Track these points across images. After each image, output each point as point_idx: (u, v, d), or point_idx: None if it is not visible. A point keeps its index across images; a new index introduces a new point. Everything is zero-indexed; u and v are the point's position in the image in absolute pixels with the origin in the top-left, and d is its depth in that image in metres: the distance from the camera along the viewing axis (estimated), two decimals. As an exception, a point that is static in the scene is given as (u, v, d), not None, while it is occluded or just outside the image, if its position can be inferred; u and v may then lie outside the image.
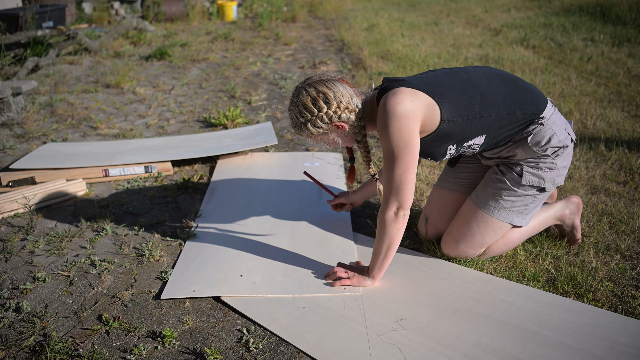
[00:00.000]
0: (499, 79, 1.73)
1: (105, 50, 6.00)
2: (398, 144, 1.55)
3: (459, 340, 1.51)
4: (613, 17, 6.68)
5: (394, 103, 1.55)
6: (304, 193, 2.52)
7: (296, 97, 1.66)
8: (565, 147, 1.75)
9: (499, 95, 1.68)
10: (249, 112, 3.82)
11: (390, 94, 1.58)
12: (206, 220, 2.28)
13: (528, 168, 1.76)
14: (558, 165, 1.76)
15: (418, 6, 9.58)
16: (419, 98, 1.58)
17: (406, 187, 1.60)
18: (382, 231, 1.67)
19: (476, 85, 1.67)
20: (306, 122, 1.64)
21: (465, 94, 1.64)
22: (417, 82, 1.62)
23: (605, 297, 1.70)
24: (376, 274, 1.76)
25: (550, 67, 4.63)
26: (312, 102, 1.61)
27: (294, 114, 1.66)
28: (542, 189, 1.79)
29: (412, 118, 1.55)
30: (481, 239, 1.83)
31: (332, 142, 1.72)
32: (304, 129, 1.66)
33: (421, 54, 5.32)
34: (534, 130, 1.72)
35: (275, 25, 7.83)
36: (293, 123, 1.69)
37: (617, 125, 3.19)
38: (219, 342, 1.56)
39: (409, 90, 1.58)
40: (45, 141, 3.28)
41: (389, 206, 1.63)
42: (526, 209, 1.81)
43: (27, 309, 1.72)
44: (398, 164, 1.57)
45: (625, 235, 2.04)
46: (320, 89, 1.62)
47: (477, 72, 1.73)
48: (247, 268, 1.90)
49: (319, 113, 1.61)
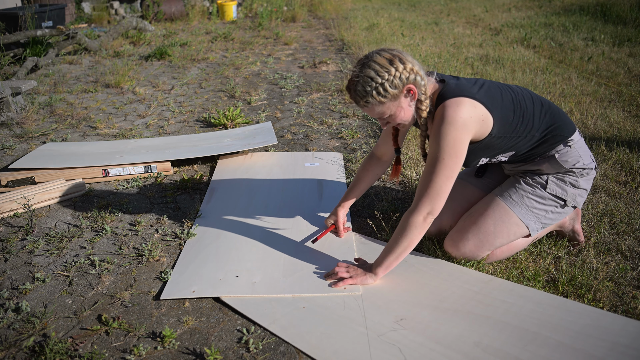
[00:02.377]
0: (539, 102, 1.80)
1: (104, 50, 6.00)
2: (450, 153, 1.59)
3: (460, 341, 1.51)
4: (614, 16, 6.68)
5: (456, 113, 1.58)
6: (304, 193, 2.52)
7: (367, 63, 1.59)
8: (590, 169, 1.82)
9: (537, 117, 1.76)
10: (249, 112, 3.82)
11: (453, 103, 1.60)
12: (206, 220, 2.27)
13: (554, 179, 1.82)
14: (581, 185, 1.82)
15: (418, 6, 9.57)
16: (478, 112, 1.62)
17: (444, 195, 1.63)
18: (405, 232, 1.66)
19: (521, 105, 1.74)
20: (383, 82, 1.56)
21: (513, 113, 1.71)
22: (478, 94, 1.65)
23: (605, 297, 1.69)
24: (381, 271, 1.75)
25: (550, 67, 4.62)
26: (389, 62, 1.57)
27: (367, 76, 1.57)
28: (564, 202, 1.82)
29: (469, 131, 1.61)
30: (492, 239, 1.81)
31: (397, 111, 1.63)
32: (378, 93, 1.57)
33: (421, 53, 5.32)
34: (561, 150, 1.79)
35: (275, 25, 7.82)
36: (362, 89, 1.58)
37: (617, 125, 3.18)
38: (219, 343, 1.56)
39: (470, 102, 1.62)
40: (45, 141, 3.28)
41: (421, 209, 1.64)
42: (545, 217, 1.83)
43: (27, 309, 1.71)
44: (443, 170, 1.60)
45: (626, 235, 2.04)
46: (394, 52, 1.60)
47: (522, 91, 1.80)
48: (247, 268, 1.90)
49: (395, 72, 1.56)
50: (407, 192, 2.50)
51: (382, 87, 1.57)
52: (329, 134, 3.33)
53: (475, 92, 1.66)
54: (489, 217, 1.81)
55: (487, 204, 1.85)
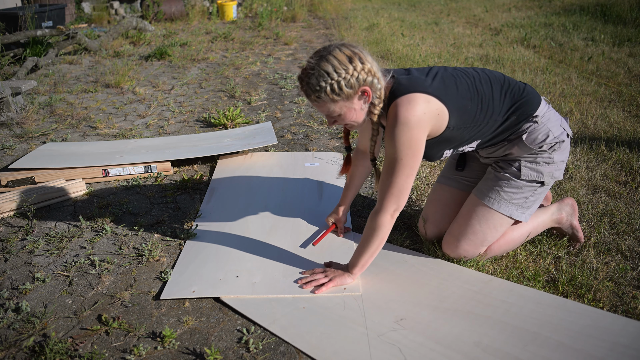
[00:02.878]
0: (498, 83, 1.74)
1: (104, 50, 5.99)
2: (406, 153, 1.56)
3: (460, 341, 1.51)
4: (614, 16, 6.68)
5: (408, 112, 1.53)
6: (304, 193, 2.52)
7: (325, 56, 1.51)
8: (562, 142, 1.77)
9: (498, 101, 1.71)
10: (249, 112, 3.82)
11: (404, 101, 1.55)
12: (206, 220, 2.27)
13: (526, 163, 1.78)
14: (555, 160, 1.78)
15: (418, 6, 9.57)
16: (432, 107, 1.57)
17: (407, 192, 1.63)
18: (375, 232, 1.67)
19: (479, 91, 1.69)
20: (339, 80, 1.49)
21: (471, 101, 1.66)
22: (431, 87, 1.60)
23: (605, 297, 1.69)
24: (358, 270, 1.76)
25: (550, 67, 4.62)
26: (348, 59, 1.50)
27: (323, 70, 1.49)
28: (541, 182, 1.80)
29: (424, 128, 1.56)
30: (482, 236, 1.83)
31: (347, 112, 1.58)
32: (332, 90, 1.50)
33: (421, 53, 5.32)
34: (528, 128, 1.74)
35: (275, 25, 7.82)
36: (316, 83, 1.51)
37: (617, 125, 3.18)
38: (219, 343, 1.56)
39: (422, 97, 1.56)
40: (45, 141, 3.28)
41: (387, 209, 1.64)
42: (526, 202, 1.81)
43: (27, 309, 1.71)
44: (403, 170, 1.58)
45: (626, 235, 2.04)
46: (356, 50, 1.53)
47: (479, 76, 1.74)
48: (247, 268, 1.90)
49: (353, 71, 1.49)
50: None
51: (338, 85, 1.50)
52: (329, 134, 3.33)
53: (428, 85, 1.60)
54: (473, 219, 1.83)
55: (469, 207, 1.86)
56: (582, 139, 2.97)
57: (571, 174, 2.57)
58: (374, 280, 1.81)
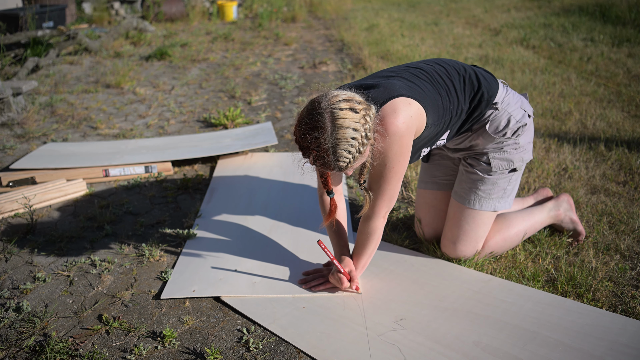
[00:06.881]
0: (457, 73, 1.71)
1: (105, 51, 6.00)
2: (398, 160, 1.55)
3: (459, 340, 1.51)
4: (613, 17, 6.68)
5: (397, 121, 1.47)
6: (304, 193, 2.52)
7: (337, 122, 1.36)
8: (524, 125, 1.76)
9: (460, 90, 1.69)
10: (249, 112, 3.82)
11: (388, 111, 1.48)
12: (206, 220, 2.28)
13: (494, 154, 1.79)
14: (522, 143, 1.79)
15: (418, 6, 9.58)
16: (414, 108, 1.53)
17: (396, 195, 1.64)
18: (371, 236, 1.69)
19: (442, 85, 1.66)
20: (360, 139, 1.39)
21: (439, 94, 1.64)
22: (403, 89, 1.56)
23: (604, 297, 1.70)
24: (358, 272, 1.77)
25: (550, 67, 4.63)
26: (352, 111, 1.39)
27: (344, 138, 1.36)
28: (513, 169, 1.81)
29: (412, 133, 1.54)
30: (475, 235, 1.86)
31: (361, 161, 1.47)
32: (358, 151, 1.40)
33: (421, 54, 5.32)
34: (490, 116, 1.74)
35: (275, 26, 7.83)
36: (345, 155, 1.38)
37: (616, 125, 3.19)
38: (219, 342, 1.56)
39: (403, 101, 1.51)
40: (46, 141, 3.28)
41: (380, 212, 1.65)
42: (505, 192, 1.84)
43: (28, 309, 1.72)
44: (394, 177, 1.58)
45: (625, 235, 2.04)
46: (344, 96, 1.41)
47: (439, 70, 1.70)
48: (247, 268, 1.90)
49: (364, 122, 1.39)
50: (407, 192, 2.51)
51: (362, 142, 1.39)
52: (329, 134, 3.33)
53: (399, 87, 1.55)
54: (462, 221, 1.85)
55: (455, 212, 1.88)
56: (582, 139, 2.98)
57: (571, 174, 2.58)
58: (374, 280, 1.81)
